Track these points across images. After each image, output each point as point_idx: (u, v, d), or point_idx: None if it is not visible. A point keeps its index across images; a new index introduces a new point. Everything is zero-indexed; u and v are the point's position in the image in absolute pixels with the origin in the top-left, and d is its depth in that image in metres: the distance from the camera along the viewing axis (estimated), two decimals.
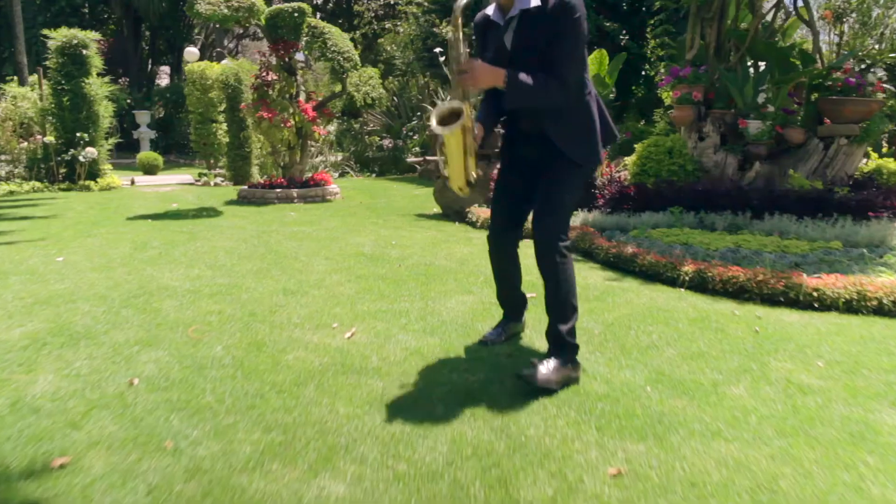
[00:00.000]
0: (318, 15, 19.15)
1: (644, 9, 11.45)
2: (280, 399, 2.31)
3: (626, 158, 6.68)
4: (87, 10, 19.76)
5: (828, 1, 8.42)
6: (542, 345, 2.72)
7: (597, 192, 6.18)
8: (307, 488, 1.74)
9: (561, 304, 2.38)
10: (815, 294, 3.72)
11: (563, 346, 2.38)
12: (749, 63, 6.61)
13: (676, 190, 5.58)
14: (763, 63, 6.50)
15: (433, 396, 2.32)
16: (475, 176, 2.49)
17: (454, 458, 1.89)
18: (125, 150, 18.69)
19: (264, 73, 8.36)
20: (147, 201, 8.25)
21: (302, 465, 1.85)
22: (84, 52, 9.55)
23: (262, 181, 8.75)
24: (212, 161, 11.86)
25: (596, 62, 9.54)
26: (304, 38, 8.64)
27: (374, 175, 13.57)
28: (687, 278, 4.14)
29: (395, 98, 14.65)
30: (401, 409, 2.23)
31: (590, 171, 2.63)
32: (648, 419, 2.15)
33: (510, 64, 2.32)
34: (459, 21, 2.30)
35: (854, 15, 8.70)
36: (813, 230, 4.80)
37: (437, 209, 7.25)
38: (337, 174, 12.82)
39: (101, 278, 4.08)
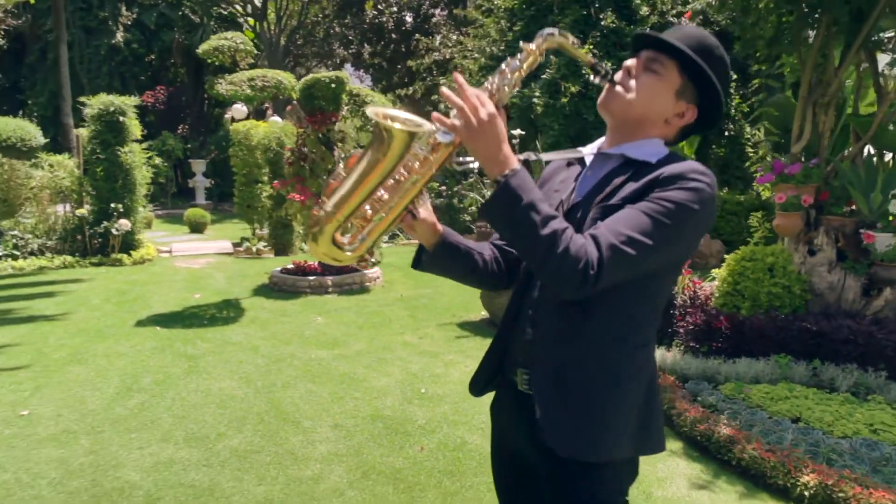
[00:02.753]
0: (370, 71, 18.69)
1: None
2: None
3: (713, 270, 5.54)
4: (153, 58, 19.96)
5: None
6: None
7: (676, 312, 5.08)
8: None
9: None
10: None
11: None
12: (872, 153, 5.43)
13: (780, 327, 4.41)
14: (890, 154, 5.30)
15: None
16: (369, 249, 1.38)
17: None
18: (181, 198, 18.63)
19: (299, 145, 7.67)
20: (172, 287, 7.61)
21: None
22: (121, 119, 9.13)
23: (297, 264, 8.00)
24: (255, 225, 11.28)
25: None
26: (345, 107, 7.93)
27: None
28: (807, 494, 3.02)
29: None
30: None
31: (614, 478, 1.40)
32: None
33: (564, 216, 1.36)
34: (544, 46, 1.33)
35: None
36: None
37: (483, 313, 6.28)
38: (386, 237, 12.06)
39: (53, 460, 3.29)
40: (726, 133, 10.48)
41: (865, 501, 2.86)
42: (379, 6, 18.23)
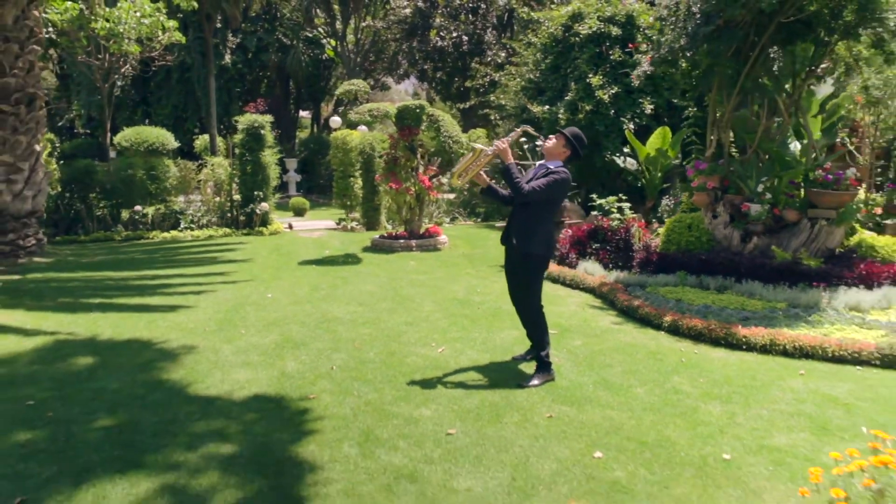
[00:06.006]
0: (432, 84, 22.12)
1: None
2: (405, 379, 4.75)
3: (659, 228, 8.70)
4: (250, 76, 23.97)
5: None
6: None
7: (633, 254, 8.28)
8: (413, 409, 4.16)
9: (538, 340, 4.69)
10: (743, 339, 5.71)
11: (542, 363, 4.68)
12: (766, 154, 8.47)
13: (688, 258, 7.60)
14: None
15: (480, 384, 4.68)
16: (459, 183, 4.79)
17: (483, 410, 4.24)
18: (277, 190, 22.53)
19: (393, 151, 11.10)
20: (307, 247, 11.18)
21: (414, 402, 4.28)
22: (262, 131, 12.79)
23: (389, 233, 11.46)
24: (349, 209, 14.84)
25: (659, 137, 11.54)
26: (424, 124, 11.31)
27: (479, 220, 16.09)
28: (666, 325, 6.23)
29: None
30: (463, 386, 4.60)
31: (536, 263, 4.71)
32: (582, 399, 4.39)
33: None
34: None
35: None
36: (771, 294, 6.69)
37: None
38: (448, 219, 15.47)
39: (298, 310, 6.78)
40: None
41: (690, 324, 6.05)
42: (441, 34, 21.76)
